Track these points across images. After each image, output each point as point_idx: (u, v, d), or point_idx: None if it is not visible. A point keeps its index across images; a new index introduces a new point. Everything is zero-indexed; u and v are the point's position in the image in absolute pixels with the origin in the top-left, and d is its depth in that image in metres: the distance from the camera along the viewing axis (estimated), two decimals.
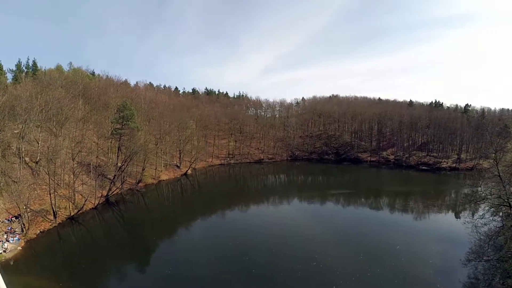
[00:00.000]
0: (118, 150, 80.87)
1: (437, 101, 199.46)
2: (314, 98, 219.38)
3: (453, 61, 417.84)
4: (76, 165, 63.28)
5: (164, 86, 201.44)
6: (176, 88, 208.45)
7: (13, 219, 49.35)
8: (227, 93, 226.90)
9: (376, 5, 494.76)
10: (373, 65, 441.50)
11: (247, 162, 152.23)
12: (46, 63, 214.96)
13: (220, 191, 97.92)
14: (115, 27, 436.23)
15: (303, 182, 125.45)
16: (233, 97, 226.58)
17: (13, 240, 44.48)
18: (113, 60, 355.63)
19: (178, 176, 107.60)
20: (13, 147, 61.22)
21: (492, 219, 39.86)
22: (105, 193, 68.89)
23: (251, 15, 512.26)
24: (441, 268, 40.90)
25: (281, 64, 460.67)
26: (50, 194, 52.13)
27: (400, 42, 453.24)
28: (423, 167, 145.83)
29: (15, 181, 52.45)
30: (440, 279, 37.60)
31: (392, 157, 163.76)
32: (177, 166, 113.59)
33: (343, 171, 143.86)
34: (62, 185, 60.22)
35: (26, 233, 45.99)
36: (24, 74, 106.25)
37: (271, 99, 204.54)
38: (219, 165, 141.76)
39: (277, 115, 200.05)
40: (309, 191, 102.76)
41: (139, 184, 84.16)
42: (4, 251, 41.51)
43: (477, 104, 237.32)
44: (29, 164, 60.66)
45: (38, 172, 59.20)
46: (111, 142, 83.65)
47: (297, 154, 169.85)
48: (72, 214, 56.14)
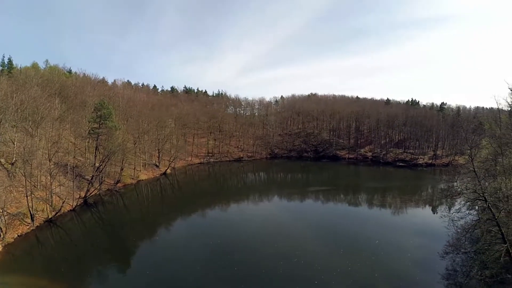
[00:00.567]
0: (95, 150, 79.66)
1: (414, 100, 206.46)
2: (293, 96, 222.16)
3: (429, 61, 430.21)
4: (53, 166, 61.96)
5: (142, 84, 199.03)
6: (154, 86, 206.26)
7: None
8: (206, 92, 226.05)
9: (355, 5, 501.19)
10: (351, 65, 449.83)
11: (226, 160, 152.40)
12: (22, 61, 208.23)
13: (200, 190, 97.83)
14: (93, 24, 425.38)
15: (282, 179, 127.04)
16: (212, 95, 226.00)
17: None
18: (90, 57, 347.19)
19: (157, 175, 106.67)
20: None
21: (468, 213, 41.48)
22: (83, 194, 67.80)
23: (231, 14, 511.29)
24: (419, 261, 42.43)
25: (261, 62, 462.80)
26: (27, 196, 50.89)
27: (377, 42, 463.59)
28: (400, 164, 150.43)
29: None
30: (419, 271, 39.12)
31: (369, 154, 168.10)
32: (156, 165, 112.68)
33: (322, 168, 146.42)
34: (39, 187, 58.90)
35: (3, 237, 44.96)
36: None
37: (250, 98, 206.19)
38: (199, 163, 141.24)
39: (256, 114, 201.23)
40: (288, 188, 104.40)
41: (118, 184, 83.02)
42: None
43: (453, 102, 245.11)
44: (5, 165, 59.09)
45: (14, 174, 57.68)
46: (89, 141, 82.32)
47: (276, 152, 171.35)
48: (50, 216, 55.01)
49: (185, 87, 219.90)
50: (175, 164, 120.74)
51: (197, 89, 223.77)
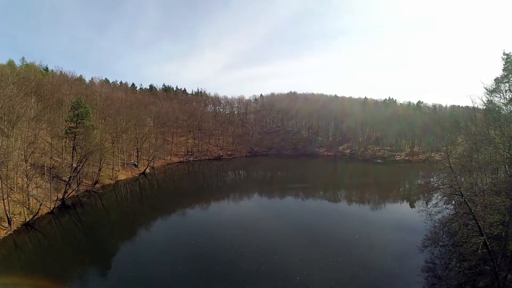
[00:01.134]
0: (73, 150, 77.85)
1: (391, 98, 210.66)
2: (272, 95, 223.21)
3: (406, 61, 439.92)
4: (29, 167, 60.63)
5: (120, 82, 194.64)
6: (133, 84, 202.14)
7: None
8: (185, 90, 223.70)
9: (334, 6, 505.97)
10: (330, 63, 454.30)
11: (206, 159, 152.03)
12: None
13: (179, 189, 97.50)
14: (70, 20, 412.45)
15: (262, 177, 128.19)
16: (192, 93, 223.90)
17: None
18: (67, 54, 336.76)
19: (136, 175, 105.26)
20: None
21: (445, 207, 43.06)
22: (60, 196, 66.31)
23: (210, 11, 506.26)
24: (399, 254, 43.71)
25: (240, 61, 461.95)
26: (3, 199, 49.53)
27: (356, 41, 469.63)
28: (378, 160, 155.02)
29: None
30: (398, 265, 40.44)
31: (348, 151, 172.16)
32: (135, 165, 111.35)
33: (301, 166, 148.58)
34: (15, 189, 57.43)
35: None
36: None
37: (229, 96, 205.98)
38: (178, 163, 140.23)
39: (236, 112, 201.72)
40: (268, 186, 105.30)
41: (96, 185, 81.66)
42: None
43: (429, 101, 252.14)
44: None
45: None
46: (66, 141, 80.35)
47: (256, 150, 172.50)
48: (27, 220, 53.63)
49: (164, 85, 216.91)
50: (154, 163, 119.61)
51: (176, 88, 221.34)
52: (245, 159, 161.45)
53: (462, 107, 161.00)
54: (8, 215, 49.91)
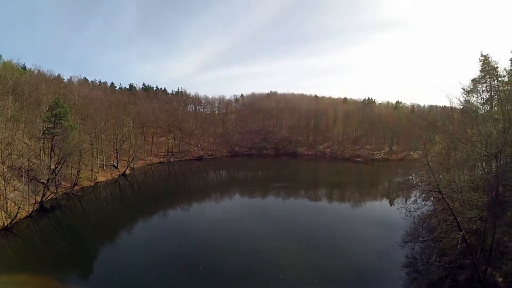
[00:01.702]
0: (51, 151, 76.16)
1: (370, 98, 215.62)
2: (252, 94, 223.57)
3: (383, 62, 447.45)
4: (6, 169, 59.22)
5: (99, 81, 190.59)
6: (112, 83, 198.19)
7: None
8: (165, 89, 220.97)
9: (314, 8, 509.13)
10: (310, 64, 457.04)
11: (187, 159, 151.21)
12: None
13: (160, 191, 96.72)
14: (48, 18, 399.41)
15: (243, 177, 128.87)
16: (172, 93, 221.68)
17: None
18: (45, 52, 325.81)
19: (116, 176, 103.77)
20: None
21: (424, 204, 43.70)
22: (39, 199, 64.70)
23: (191, 11, 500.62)
24: (379, 250, 45.07)
25: (221, 60, 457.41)
26: None
27: (335, 43, 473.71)
28: (357, 159, 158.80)
29: None
30: (380, 260, 41.68)
31: (328, 150, 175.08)
32: (115, 166, 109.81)
33: (282, 165, 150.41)
34: None
35: None
36: None
37: (210, 96, 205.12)
38: (158, 163, 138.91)
39: (217, 112, 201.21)
40: (250, 185, 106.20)
41: (75, 187, 79.92)
42: None
43: (407, 101, 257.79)
44: None
45: None
46: (43, 143, 78.75)
47: (237, 150, 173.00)
48: (5, 224, 52.15)
49: (143, 84, 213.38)
50: (134, 164, 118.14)
51: (156, 87, 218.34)
52: (226, 159, 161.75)
53: (439, 107, 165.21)
54: None
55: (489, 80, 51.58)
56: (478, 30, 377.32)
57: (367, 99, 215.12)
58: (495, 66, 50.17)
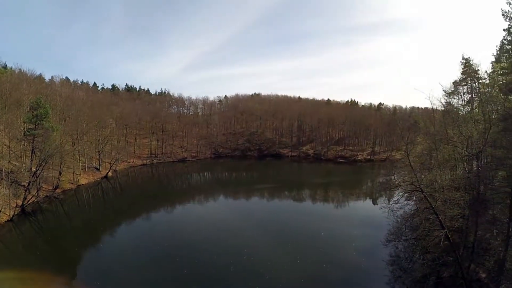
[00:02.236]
0: (32, 153, 74.70)
1: (353, 100, 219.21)
2: (236, 96, 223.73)
3: (366, 64, 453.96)
4: None
5: (82, 81, 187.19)
6: (94, 84, 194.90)
7: None
8: (148, 90, 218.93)
9: (300, 10, 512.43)
10: (294, 66, 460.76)
11: (170, 161, 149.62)
12: None
13: (144, 193, 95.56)
14: (31, 16, 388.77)
15: (227, 178, 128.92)
16: (155, 94, 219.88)
17: None
18: (27, 51, 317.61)
19: (98, 179, 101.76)
20: None
21: (406, 203, 44.76)
22: (20, 202, 63.29)
23: (177, 11, 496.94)
24: (364, 249, 45.98)
25: (205, 61, 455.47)
26: None
27: (319, 45, 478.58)
28: (341, 160, 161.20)
29: None
30: (364, 259, 42.55)
31: (311, 151, 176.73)
32: (97, 168, 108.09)
33: (266, 166, 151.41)
34: None
35: None
36: None
37: (193, 97, 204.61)
38: (142, 165, 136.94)
39: (200, 113, 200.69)
40: (234, 187, 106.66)
41: (57, 190, 78.25)
42: None
43: (389, 102, 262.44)
44: None
45: None
46: (24, 144, 77.18)
47: (220, 151, 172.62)
48: None
49: (126, 85, 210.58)
50: (116, 166, 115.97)
51: (139, 88, 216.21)
52: (210, 161, 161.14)
53: (421, 108, 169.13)
54: None
55: (470, 82, 53.19)
56: (459, 33, 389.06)
57: (350, 100, 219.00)
58: (476, 68, 51.63)
